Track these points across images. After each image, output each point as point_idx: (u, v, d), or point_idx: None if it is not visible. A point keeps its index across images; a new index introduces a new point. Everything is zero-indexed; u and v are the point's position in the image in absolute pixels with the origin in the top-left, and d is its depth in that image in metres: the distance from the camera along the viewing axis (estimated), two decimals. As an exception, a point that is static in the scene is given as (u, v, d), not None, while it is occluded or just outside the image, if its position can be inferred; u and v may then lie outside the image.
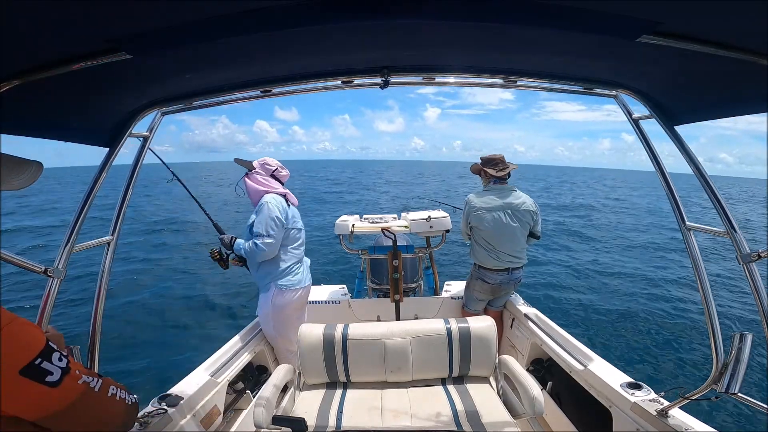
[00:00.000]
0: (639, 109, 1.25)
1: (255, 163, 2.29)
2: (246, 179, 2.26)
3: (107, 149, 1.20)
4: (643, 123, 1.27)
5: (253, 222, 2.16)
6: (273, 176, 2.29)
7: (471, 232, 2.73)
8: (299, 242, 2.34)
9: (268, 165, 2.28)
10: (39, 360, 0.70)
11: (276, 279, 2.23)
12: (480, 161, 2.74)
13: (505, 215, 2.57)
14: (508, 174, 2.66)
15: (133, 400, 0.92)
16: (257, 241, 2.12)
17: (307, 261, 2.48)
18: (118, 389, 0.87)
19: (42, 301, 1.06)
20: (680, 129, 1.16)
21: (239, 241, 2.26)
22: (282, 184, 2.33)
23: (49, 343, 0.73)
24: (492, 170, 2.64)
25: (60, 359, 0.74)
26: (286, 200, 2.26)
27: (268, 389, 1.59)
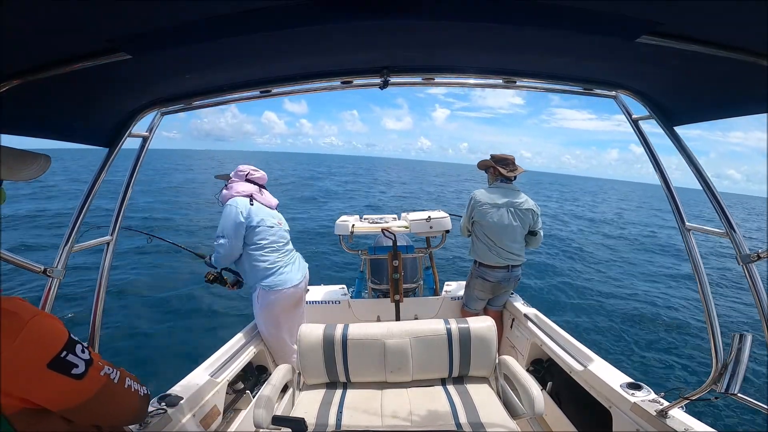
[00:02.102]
0: (639, 110, 1.25)
1: (232, 173, 2.37)
2: (224, 190, 2.33)
3: (107, 149, 1.20)
4: (642, 124, 1.27)
5: None
6: (248, 180, 2.35)
7: (472, 228, 2.76)
8: (274, 240, 2.31)
9: (241, 171, 2.36)
10: (65, 353, 0.72)
11: (259, 280, 2.24)
12: (491, 158, 2.78)
13: (508, 213, 2.63)
14: (515, 176, 2.72)
15: (145, 392, 0.94)
16: (214, 243, 2.21)
17: (300, 262, 2.47)
18: (132, 381, 0.89)
19: (41, 301, 1.06)
20: (683, 129, 1.16)
21: (213, 255, 2.32)
22: (261, 186, 2.39)
23: (71, 335, 0.75)
24: (503, 169, 2.70)
25: (83, 351, 0.76)
26: (252, 199, 2.27)
27: (267, 389, 1.59)
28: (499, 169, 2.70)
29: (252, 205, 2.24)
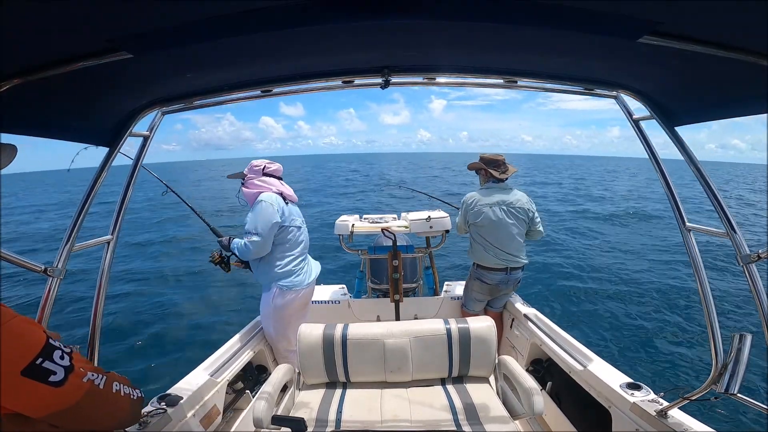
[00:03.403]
0: (639, 110, 1.25)
1: (245, 170, 2.31)
2: (243, 188, 2.27)
3: (107, 149, 1.21)
4: (643, 123, 1.27)
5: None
6: (266, 174, 2.28)
7: (469, 230, 2.75)
8: (299, 241, 2.32)
9: (256, 166, 2.28)
10: (40, 359, 0.70)
11: (277, 279, 2.23)
12: (481, 160, 2.75)
13: (501, 211, 2.61)
14: (506, 177, 2.70)
15: (138, 395, 0.92)
16: (245, 240, 2.14)
17: (314, 262, 2.47)
18: (122, 385, 0.87)
19: (41, 300, 1.06)
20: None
21: (236, 240, 2.26)
22: (279, 178, 2.33)
23: (50, 340, 0.73)
24: (495, 171, 2.67)
25: (62, 357, 0.74)
26: (284, 198, 2.25)
27: (267, 389, 1.59)
28: (490, 172, 2.68)
29: (286, 204, 2.23)
